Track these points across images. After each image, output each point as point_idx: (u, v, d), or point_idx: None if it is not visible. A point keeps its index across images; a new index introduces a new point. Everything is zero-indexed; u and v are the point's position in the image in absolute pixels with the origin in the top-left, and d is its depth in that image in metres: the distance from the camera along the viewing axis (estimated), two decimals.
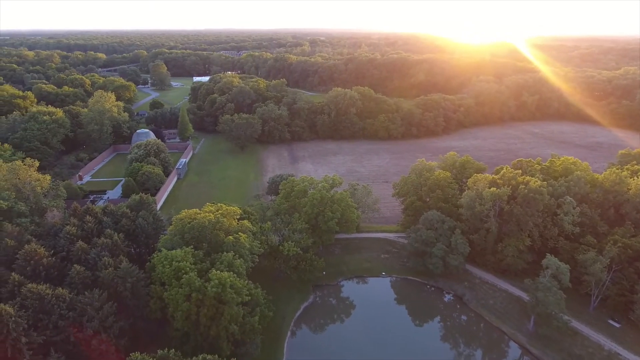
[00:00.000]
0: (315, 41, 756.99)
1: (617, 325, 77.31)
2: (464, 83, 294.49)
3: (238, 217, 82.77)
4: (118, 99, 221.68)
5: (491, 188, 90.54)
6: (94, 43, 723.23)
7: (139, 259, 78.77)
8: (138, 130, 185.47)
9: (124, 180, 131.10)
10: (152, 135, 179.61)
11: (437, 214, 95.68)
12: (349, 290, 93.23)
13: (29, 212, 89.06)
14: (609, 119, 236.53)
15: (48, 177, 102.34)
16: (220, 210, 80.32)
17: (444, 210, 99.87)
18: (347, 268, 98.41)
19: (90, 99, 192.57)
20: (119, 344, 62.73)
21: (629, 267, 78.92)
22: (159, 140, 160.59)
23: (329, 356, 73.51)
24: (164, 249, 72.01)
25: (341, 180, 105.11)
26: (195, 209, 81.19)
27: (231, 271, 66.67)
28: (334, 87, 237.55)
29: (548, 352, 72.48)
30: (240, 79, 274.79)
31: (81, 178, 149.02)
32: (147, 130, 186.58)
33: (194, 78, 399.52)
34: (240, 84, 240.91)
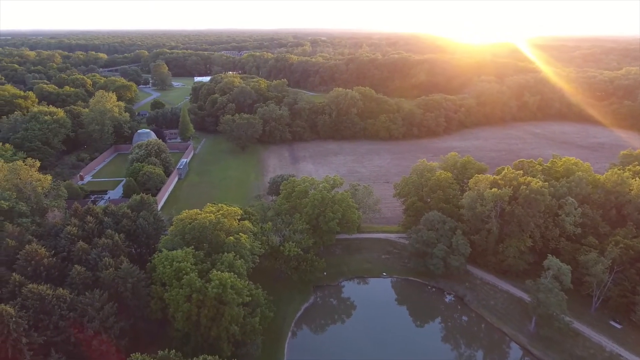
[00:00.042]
0: (317, 41, 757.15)
1: (618, 326, 77.17)
2: (465, 83, 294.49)
3: (239, 217, 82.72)
4: (119, 99, 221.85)
5: (492, 189, 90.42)
6: (95, 43, 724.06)
7: (139, 260, 78.74)
8: (139, 130, 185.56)
9: (125, 181, 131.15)
10: (153, 135, 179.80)
11: (438, 214, 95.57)
12: (349, 291, 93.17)
13: (30, 212, 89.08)
14: (610, 119, 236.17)
15: (49, 177, 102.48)
16: (221, 211, 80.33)
17: (445, 211, 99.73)
18: (348, 268, 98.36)
19: (92, 99, 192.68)
20: (120, 344, 62.77)
21: (630, 268, 78.77)
22: (160, 140, 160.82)
23: (329, 357, 73.49)
24: (164, 249, 72.00)
25: (342, 181, 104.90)
26: (196, 209, 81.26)
27: (232, 272, 66.64)
28: (335, 87, 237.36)
29: (549, 353, 72.37)
30: (241, 79, 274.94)
31: (82, 178, 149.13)
32: (148, 130, 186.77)
33: (195, 78, 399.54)
34: (241, 84, 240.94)
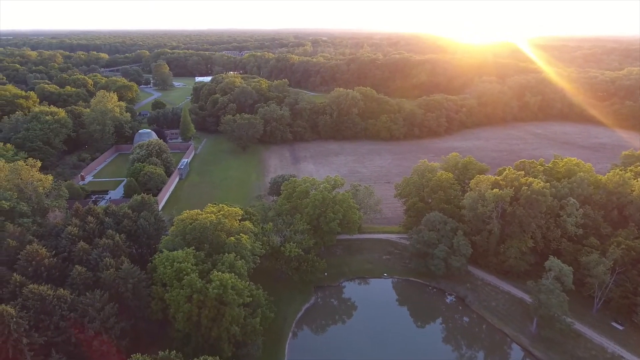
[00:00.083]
0: (318, 41, 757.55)
1: (620, 327, 76.94)
2: (466, 83, 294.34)
3: (240, 217, 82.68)
4: (120, 99, 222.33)
5: (494, 189, 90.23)
6: (96, 43, 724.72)
7: (140, 260, 78.73)
8: (140, 130, 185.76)
9: (125, 181, 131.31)
10: (154, 135, 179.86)
11: (439, 215, 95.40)
12: (350, 292, 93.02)
13: (31, 212, 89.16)
14: (612, 119, 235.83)
15: (50, 177, 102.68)
16: (222, 211, 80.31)
17: (446, 212, 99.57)
18: (349, 269, 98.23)
19: (93, 99, 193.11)
20: (120, 345, 62.77)
21: (632, 269, 78.51)
22: (161, 140, 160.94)
23: (330, 357, 73.34)
24: (165, 249, 71.95)
25: (343, 181, 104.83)
26: (196, 209, 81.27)
27: (232, 272, 66.63)
28: (336, 87, 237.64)
29: (551, 354, 72.16)
30: (242, 79, 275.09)
31: (83, 178, 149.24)
32: (149, 130, 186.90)
33: (196, 78, 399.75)
34: (242, 84, 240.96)
